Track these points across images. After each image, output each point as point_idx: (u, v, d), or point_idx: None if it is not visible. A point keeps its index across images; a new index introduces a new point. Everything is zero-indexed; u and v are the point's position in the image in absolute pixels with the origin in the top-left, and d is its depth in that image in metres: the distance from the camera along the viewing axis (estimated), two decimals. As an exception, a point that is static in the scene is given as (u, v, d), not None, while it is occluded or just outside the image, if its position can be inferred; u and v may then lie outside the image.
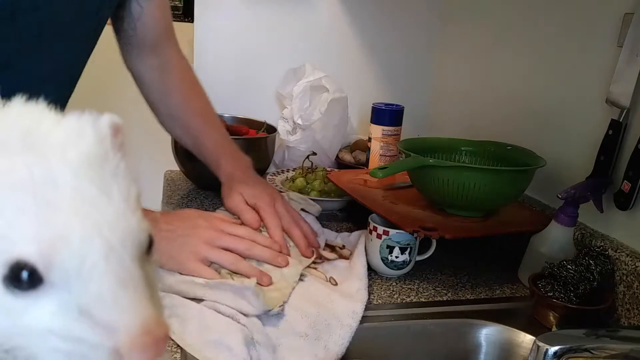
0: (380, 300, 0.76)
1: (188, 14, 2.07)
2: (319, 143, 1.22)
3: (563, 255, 0.77)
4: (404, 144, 0.92)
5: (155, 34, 0.88)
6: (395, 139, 1.07)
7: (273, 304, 0.67)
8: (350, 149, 1.29)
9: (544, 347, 0.54)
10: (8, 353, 0.27)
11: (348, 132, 1.30)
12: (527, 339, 0.71)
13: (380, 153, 1.08)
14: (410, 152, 0.86)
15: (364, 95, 1.34)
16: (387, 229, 0.80)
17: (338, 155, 1.27)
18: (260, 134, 1.16)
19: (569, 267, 0.72)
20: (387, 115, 1.06)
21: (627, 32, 0.76)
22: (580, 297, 0.71)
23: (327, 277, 0.77)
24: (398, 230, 0.79)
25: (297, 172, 1.13)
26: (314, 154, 1.18)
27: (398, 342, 0.72)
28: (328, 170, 1.11)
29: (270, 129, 1.19)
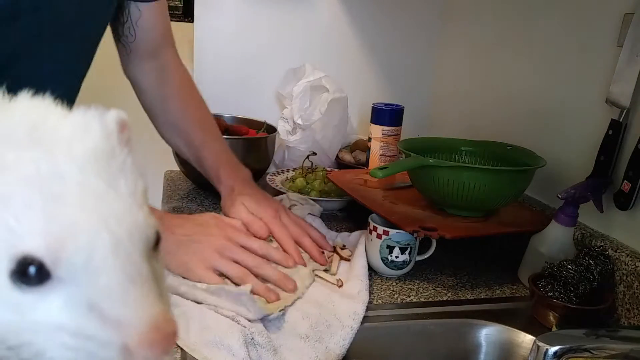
0: (381, 301, 0.76)
1: (188, 14, 2.07)
2: (319, 143, 1.22)
3: (563, 255, 0.77)
4: (404, 144, 0.92)
5: (154, 39, 0.87)
6: (395, 139, 1.07)
7: (273, 309, 0.66)
8: (350, 149, 1.29)
9: (544, 347, 0.54)
10: (12, 350, 0.27)
11: (348, 132, 1.30)
12: (527, 339, 0.71)
13: (380, 153, 1.08)
14: (410, 152, 0.86)
15: (364, 95, 1.34)
16: (387, 229, 0.80)
17: (338, 155, 1.27)
18: (260, 134, 1.16)
19: (569, 267, 0.72)
20: (387, 115, 1.06)
21: (627, 32, 0.76)
22: (580, 297, 0.71)
23: (336, 279, 0.77)
24: (398, 230, 0.79)
25: (297, 172, 1.13)
26: (314, 154, 1.18)
27: (398, 342, 0.72)
28: (328, 170, 1.11)
29: (270, 129, 1.19)
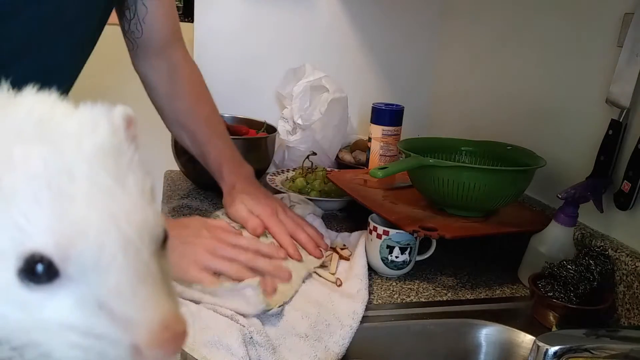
0: (381, 300, 0.76)
1: (188, 14, 2.07)
2: (319, 143, 1.22)
3: (563, 255, 0.77)
4: (404, 144, 0.92)
5: (162, 36, 0.88)
6: (395, 139, 1.07)
7: (273, 304, 0.66)
8: (350, 149, 1.29)
9: (544, 347, 0.54)
10: (15, 350, 0.26)
11: (348, 132, 1.30)
12: (527, 339, 0.71)
13: (380, 153, 1.08)
14: (410, 152, 0.86)
15: (364, 95, 1.34)
16: (387, 229, 0.80)
17: (338, 155, 1.27)
18: (260, 134, 1.16)
19: (569, 267, 0.72)
20: (387, 115, 1.06)
21: (627, 32, 0.76)
22: (580, 297, 0.71)
23: (335, 277, 0.77)
24: (398, 230, 0.79)
25: (297, 172, 1.13)
26: (314, 154, 1.18)
27: (398, 342, 0.72)
28: (328, 170, 1.11)
29: (270, 129, 1.19)
